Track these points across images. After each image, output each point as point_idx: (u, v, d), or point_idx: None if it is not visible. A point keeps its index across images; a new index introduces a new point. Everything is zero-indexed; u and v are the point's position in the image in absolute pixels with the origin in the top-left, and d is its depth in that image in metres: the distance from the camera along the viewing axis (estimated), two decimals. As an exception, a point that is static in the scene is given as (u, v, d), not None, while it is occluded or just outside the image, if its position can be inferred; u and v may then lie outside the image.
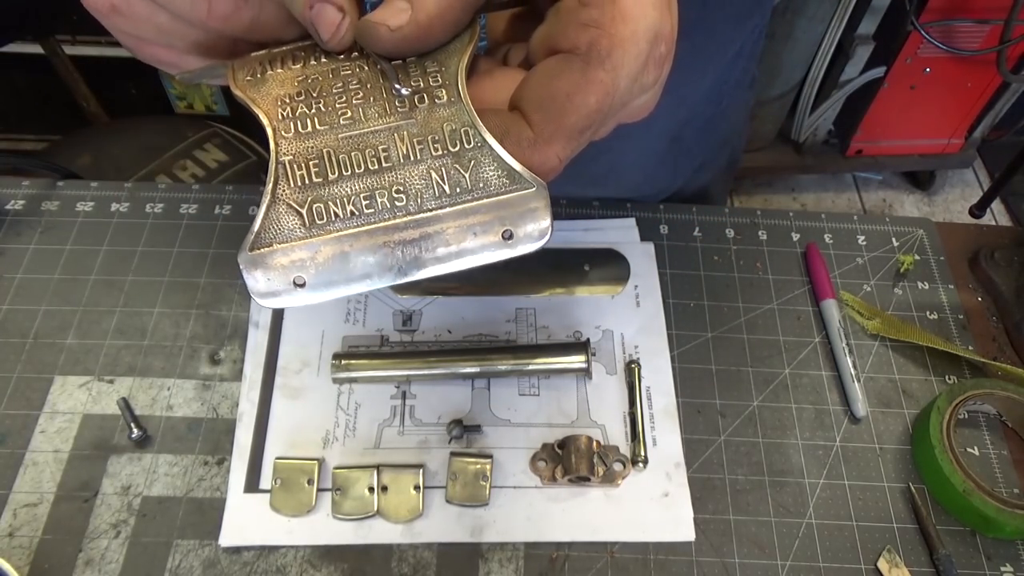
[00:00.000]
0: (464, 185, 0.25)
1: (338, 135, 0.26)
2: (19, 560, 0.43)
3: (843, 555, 0.45)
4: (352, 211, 0.25)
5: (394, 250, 0.25)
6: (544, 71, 0.26)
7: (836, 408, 0.51)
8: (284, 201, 0.25)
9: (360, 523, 0.45)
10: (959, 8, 1.37)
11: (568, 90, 0.25)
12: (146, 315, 0.52)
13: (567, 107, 0.25)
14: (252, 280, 0.25)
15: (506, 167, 0.25)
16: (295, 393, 0.50)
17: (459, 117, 0.26)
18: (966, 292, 0.57)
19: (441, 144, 0.26)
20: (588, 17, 0.25)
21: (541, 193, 0.25)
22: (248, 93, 0.28)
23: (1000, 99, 1.58)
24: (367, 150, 0.26)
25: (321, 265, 0.25)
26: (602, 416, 0.49)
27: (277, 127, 0.27)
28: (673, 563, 0.45)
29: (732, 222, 0.59)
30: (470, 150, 0.26)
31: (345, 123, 0.26)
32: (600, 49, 0.25)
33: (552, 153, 0.26)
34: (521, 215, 0.25)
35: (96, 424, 0.48)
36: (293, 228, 0.25)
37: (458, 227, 0.25)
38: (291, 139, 0.26)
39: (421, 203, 0.25)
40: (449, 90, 0.27)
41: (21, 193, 0.58)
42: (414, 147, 0.26)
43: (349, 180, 0.26)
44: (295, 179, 0.26)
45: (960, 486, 0.45)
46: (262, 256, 0.25)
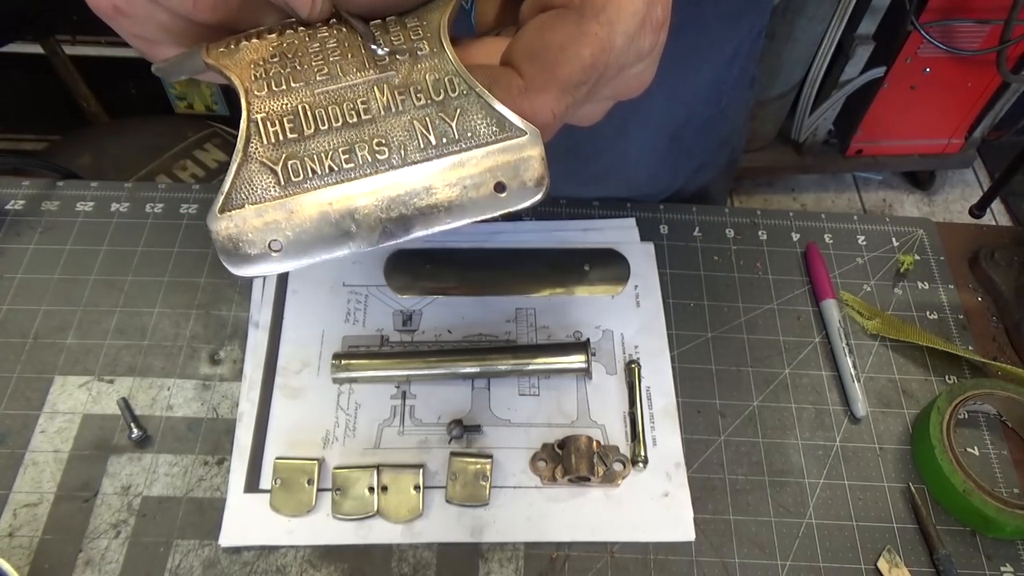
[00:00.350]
0: (451, 135, 0.24)
1: (314, 91, 0.25)
2: (19, 560, 0.43)
3: (843, 555, 0.45)
4: (331, 167, 0.24)
5: (377, 207, 0.24)
6: (536, 24, 0.25)
7: (836, 408, 0.51)
8: (257, 159, 0.24)
9: (360, 523, 0.45)
10: (959, 8, 1.37)
11: (561, 41, 0.24)
12: (146, 315, 0.52)
13: (560, 57, 0.24)
14: (224, 244, 0.23)
15: (495, 114, 0.24)
16: (295, 393, 0.50)
17: (443, 67, 0.25)
18: (966, 292, 0.57)
19: (424, 94, 0.24)
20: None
21: (534, 140, 0.24)
22: (220, 61, 0.26)
23: (1000, 99, 1.58)
24: (345, 103, 0.24)
25: (298, 226, 0.23)
26: (602, 416, 0.49)
27: (250, 87, 0.25)
28: (673, 563, 0.45)
29: (732, 222, 0.59)
30: (456, 98, 0.24)
31: (322, 79, 0.25)
32: (595, 2, 0.24)
33: (545, 103, 0.24)
34: (514, 165, 0.24)
35: (96, 424, 0.48)
36: (267, 187, 0.23)
37: (446, 180, 0.24)
38: (264, 97, 0.25)
39: (405, 156, 0.24)
40: (431, 42, 0.25)
41: (21, 193, 0.58)
42: (395, 98, 0.24)
43: (326, 135, 0.24)
44: (268, 136, 0.24)
45: (960, 486, 0.45)
46: (233, 217, 0.23)
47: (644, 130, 0.58)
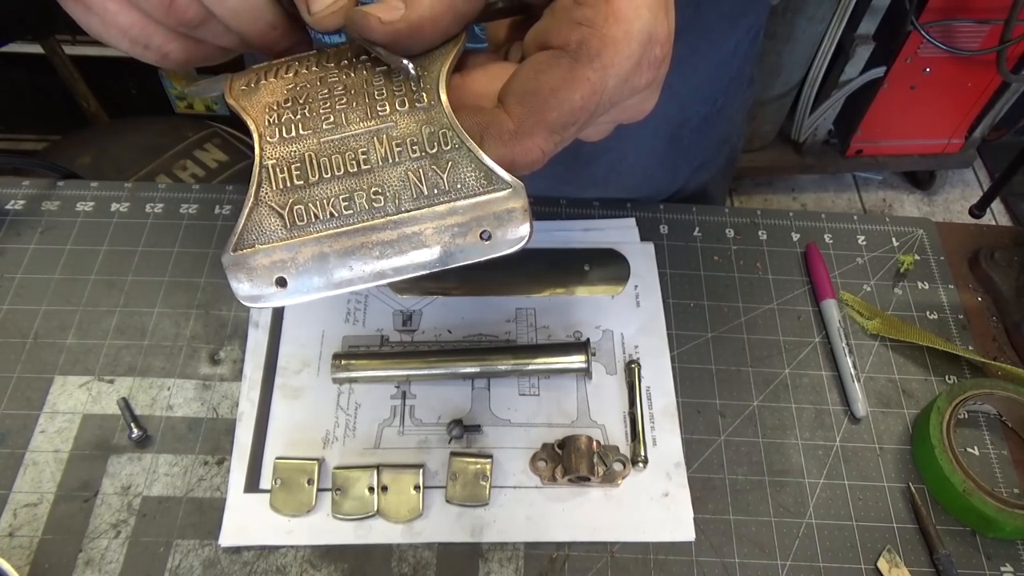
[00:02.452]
0: (441, 186, 0.26)
1: (320, 139, 0.27)
2: (19, 560, 0.43)
3: (843, 555, 0.45)
4: (331, 212, 0.26)
5: (372, 251, 0.26)
6: (531, 65, 0.26)
7: (836, 408, 0.51)
8: (266, 203, 0.26)
9: (360, 523, 0.45)
10: (959, 8, 1.37)
11: (553, 85, 0.25)
12: (146, 315, 0.52)
13: (550, 101, 0.25)
14: (235, 281, 0.26)
15: (484, 168, 0.26)
16: (295, 393, 0.50)
17: (438, 119, 0.27)
18: (966, 292, 0.57)
19: (419, 146, 0.26)
20: (581, 15, 0.25)
21: (519, 193, 0.26)
22: (240, 102, 0.28)
23: (1000, 99, 1.58)
24: (347, 153, 0.27)
25: (302, 266, 0.25)
26: (602, 416, 0.49)
27: (263, 133, 0.27)
28: (673, 563, 0.45)
29: (732, 222, 0.59)
30: (448, 151, 0.26)
31: (328, 127, 0.27)
32: (589, 48, 0.25)
33: (534, 145, 0.26)
34: (499, 216, 0.26)
35: (96, 424, 0.48)
36: (275, 229, 0.26)
37: (436, 228, 0.25)
38: (276, 144, 0.27)
39: (399, 204, 0.26)
40: (430, 93, 0.27)
41: (21, 193, 0.58)
42: (392, 149, 0.26)
43: (329, 182, 0.26)
44: (277, 182, 0.26)
45: (960, 486, 0.45)
46: (244, 257, 0.25)
47: (643, 132, 0.58)
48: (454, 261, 0.26)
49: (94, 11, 0.28)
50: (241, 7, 0.28)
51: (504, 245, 0.26)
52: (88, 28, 0.29)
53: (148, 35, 0.29)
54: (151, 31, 0.29)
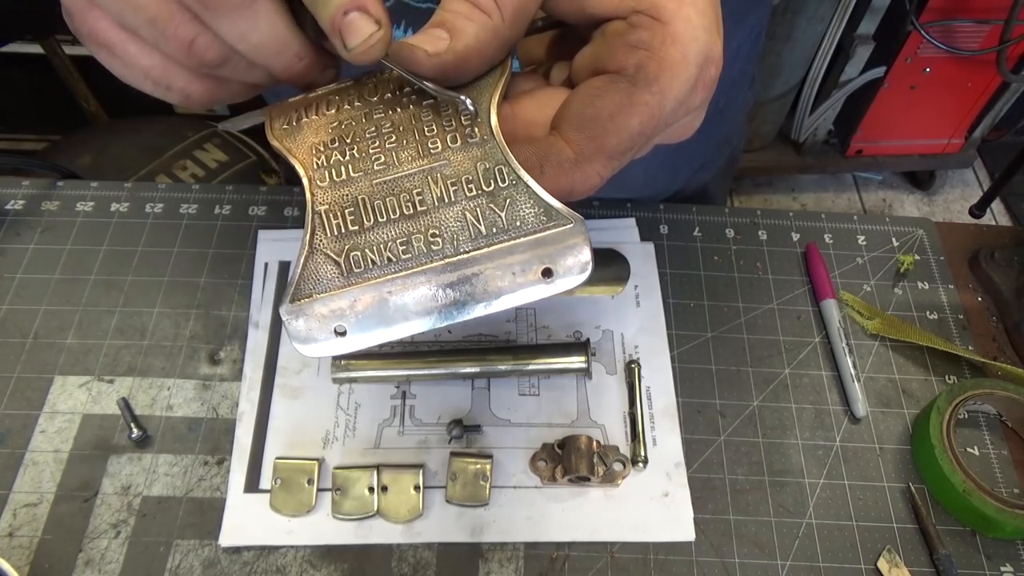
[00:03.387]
0: (500, 224, 0.25)
1: (372, 181, 0.26)
2: (19, 560, 0.43)
3: (843, 555, 0.45)
4: (389, 257, 0.25)
5: (433, 294, 0.25)
6: (587, 91, 0.26)
7: (836, 408, 0.51)
8: (321, 251, 0.26)
9: (360, 523, 0.45)
10: (959, 8, 1.37)
11: (611, 111, 0.25)
12: (146, 315, 0.52)
13: (609, 127, 0.25)
14: (294, 331, 0.25)
15: (542, 203, 0.25)
16: (295, 393, 0.50)
17: (492, 155, 0.26)
18: (966, 292, 0.57)
19: (475, 184, 0.26)
20: (637, 39, 0.25)
21: (579, 228, 0.25)
22: (284, 143, 0.28)
23: (1000, 99, 1.58)
24: (401, 195, 0.26)
25: (361, 313, 0.25)
26: (602, 416, 0.49)
27: (313, 176, 0.27)
28: (673, 563, 0.45)
29: (732, 222, 0.59)
30: (505, 188, 0.26)
31: (379, 168, 0.26)
32: (648, 72, 0.25)
33: (593, 172, 0.26)
34: (560, 251, 0.25)
35: (96, 424, 0.48)
36: (331, 278, 0.25)
37: (496, 267, 0.25)
38: (326, 188, 0.26)
39: (457, 246, 0.25)
40: (482, 127, 0.27)
41: (21, 193, 0.58)
42: (448, 189, 0.26)
43: (385, 226, 0.26)
44: (331, 228, 0.26)
45: (960, 486, 0.45)
46: (302, 307, 0.25)
47: None
48: (516, 300, 0.25)
49: (116, 54, 0.28)
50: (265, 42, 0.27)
51: (565, 282, 0.25)
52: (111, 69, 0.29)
53: (169, 76, 0.28)
54: (172, 72, 0.28)
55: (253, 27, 0.26)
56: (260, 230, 0.56)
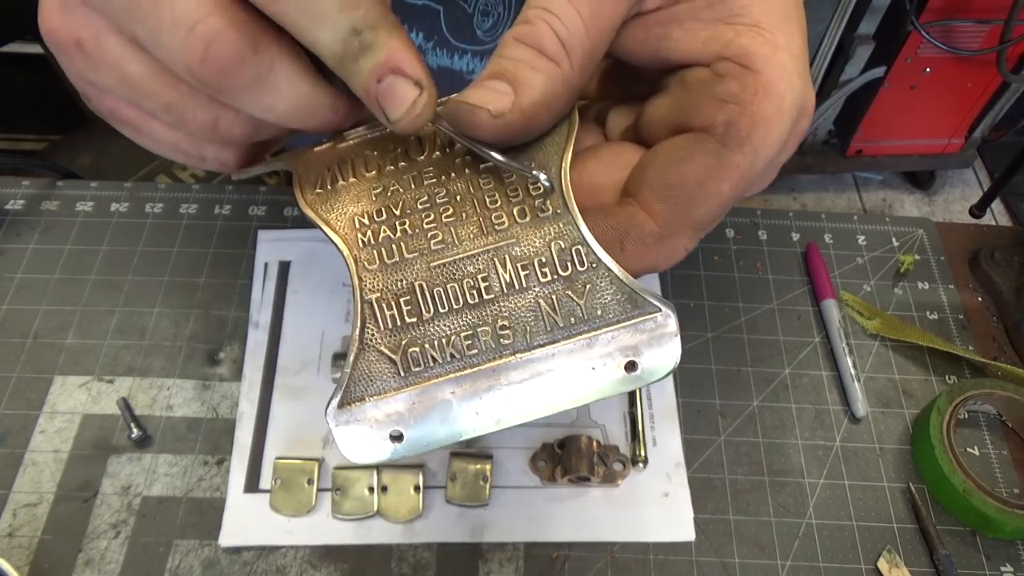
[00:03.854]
0: (579, 315, 0.22)
1: (429, 263, 0.23)
2: (19, 560, 0.43)
3: (843, 555, 0.45)
4: (452, 354, 0.22)
5: (501, 395, 0.22)
6: (670, 153, 0.22)
7: (836, 408, 0.51)
8: (374, 347, 0.22)
9: (360, 523, 0.45)
10: (959, 8, 1.37)
11: (699, 176, 0.22)
12: (146, 315, 0.52)
13: (697, 196, 0.22)
14: (345, 440, 0.22)
15: (626, 290, 0.22)
16: (295, 393, 0.50)
17: (568, 233, 0.23)
18: (966, 292, 0.57)
19: (549, 267, 0.23)
20: (726, 91, 0.22)
21: (669, 318, 0.22)
22: (320, 213, 0.24)
23: (1000, 99, 1.58)
24: (465, 280, 0.23)
25: (420, 417, 0.22)
26: (602, 416, 0.49)
27: (359, 257, 0.23)
28: (673, 563, 0.45)
29: (732, 222, 0.59)
30: (583, 272, 0.22)
31: (436, 247, 0.23)
32: (739, 130, 0.21)
33: (679, 245, 0.23)
34: (647, 343, 0.22)
35: (96, 424, 0.48)
36: (386, 378, 0.22)
37: (574, 363, 0.22)
38: (376, 272, 0.23)
39: (530, 339, 0.22)
40: (553, 199, 0.23)
41: (21, 193, 0.58)
42: (518, 273, 0.23)
43: (447, 317, 0.22)
44: (385, 320, 0.23)
45: (960, 486, 0.45)
46: (354, 412, 0.22)
47: None
48: (596, 398, 0.22)
49: (141, 131, 0.26)
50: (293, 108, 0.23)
51: (651, 376, 0.22)
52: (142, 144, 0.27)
53: (200, 148, 0.26)
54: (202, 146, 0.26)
55: (276, 98, 0.23)
56: (260, 230, 0.56)
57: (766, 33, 0.22)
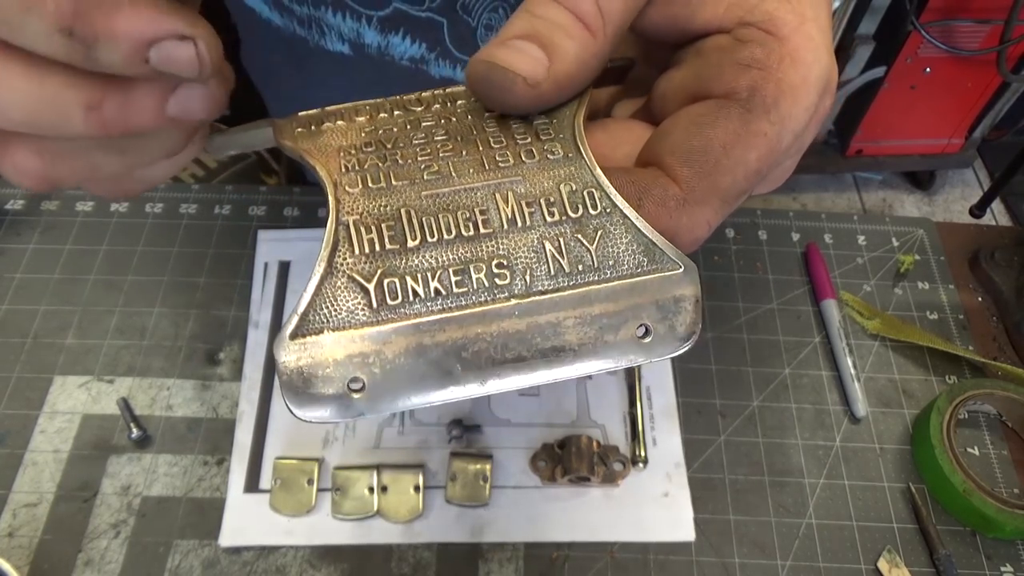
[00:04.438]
0: (588, 262, 0.19)
1: (421, 192, 0.20)
2: (19, 560, 0.43)
3: (843, 555, 0.45)
4: (437, 289, 0.19)
5: (491, 345, 0.19)
6: (691, 118, 0.21)
7: (836, 408, 0.51)
8: (345, 272, 0.19)
9: (360, 523, 0.45)
10: (959, 8, 1.37)
11: (725, 141, 0.20)
12: (146, 315, 0.52)
13: (723, 162, 0.20)
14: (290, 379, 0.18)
15: (643, 240, 0.20)
16: (295, 393, 0.49)
17: (580, 176, 0.20)
18: (966, 292, 0.57)
19: (558, 208, 0.20)
20: (749, 56, 0.20)
21: (690, 277, 0.20)
22: (300, 144, 0.22)
23: (1000, 99, 1.58)
24: (460, 211, 0.20)
25: (389, 363, 0.18)
26: (602, 416, 0.49)
27: (339, 181, 0.20)
28: (673, 563, 0.45)
29: (732, 222, 0.59)
30: (596, 216, 0.20)
31: (430, 178, 0.20)
32: (765, 96, 0.20)
33: (703, 217, 0.21)
34: (662, 305, 0.19)
35: (96, 424, 0.48)
36: (355, 309, 0.19)
37: (579, 318, 0.19)
38: (358, 195, 0.20)
39: (530, 283, 0.19)
40: (564, 144, 0.21)
41: (21, 193, 0.58)
42: (522, 210, 0.20)
43: (435, 248, 0.19)
44: (362, 244, 0.19)
45: (960, 486, 0.45)
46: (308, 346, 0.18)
47: None
48: (600, 364, 0.19)
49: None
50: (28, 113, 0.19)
51: (664, 346, 0.20)
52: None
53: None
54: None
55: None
56: (260, 230, 0.56)
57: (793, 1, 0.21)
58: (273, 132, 0.22)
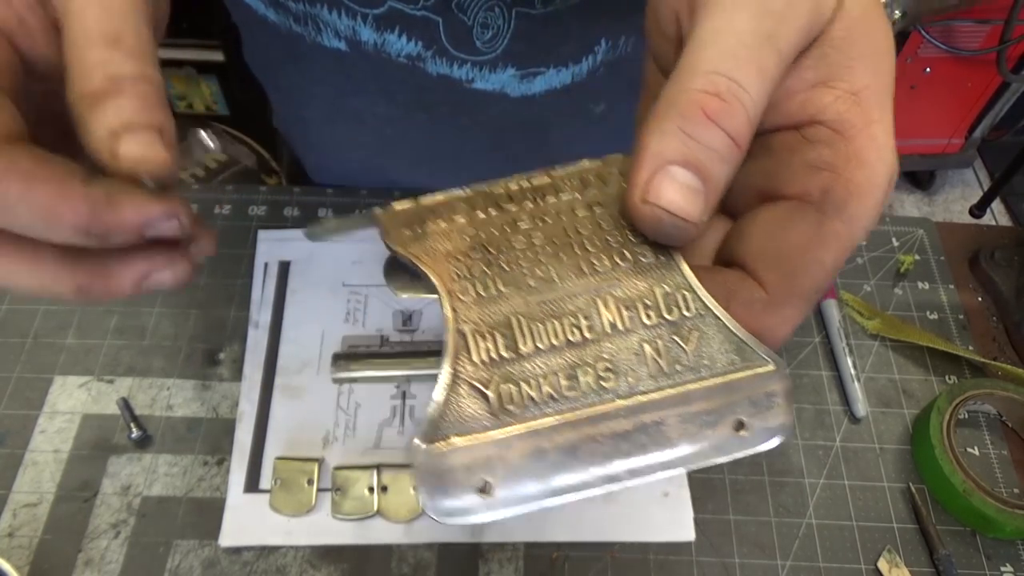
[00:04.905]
0: (685, 362, 0.21)
1: (527, 298, 0.22)
2: (19, 560, 0.43)
3: (843, 555, 0.45)
4: (550, 393, 0.21)
5: (603, 446, 0.20)
6: (770, 221, 0.22)
7: (836, 408, 0.51)
8: (467, 380, 0.21)
9: (360, 523, 0.45)
10: (959, 8, 1.37)
11: (803, 244, 0.21)
12: (146, 315, 0.52)
13: (803, 265, 0.21)
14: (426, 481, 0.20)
15: (734, 340, 0.21)
16: (295, 393, 0.50)
17: (671, 278, 0.22)
18: (966, 292, 0.57)
19: (654, 311, 0.22)
20: (817, 157, 0.21)
21: (781, 373, 0.21)
22: (410, 249, 0.23)
23: (1000, 99, 1.58)
24: (565, 317, 0.21)
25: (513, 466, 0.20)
26: (602, 416, 0.49)
27: (452, 289, 0.22)
28: (673, 563, 0.45)
29: (732, 222, 0.59)
30: (690, 318, 0.21)
31: (535, 284, 0.22)
32: (835, 198, 0.21)
33: (787, 317, 0.22)
34: (755, 401, 0.21)
35: (96, 424, 0.48)
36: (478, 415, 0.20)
37: (680, 416, 0.21)
38: (471, 304, 0.22)
39: (634, 384, 0.21)
40: (655, 248, 0.22)
41: (21, 193, 0.57)
42: (622, 314, 0.22)
43: (545, 354, 0.21)
44: (479, 352, 0.21)
45: (960, 486, 0.45)
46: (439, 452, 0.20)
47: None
48: (701, 459, 0.21)
49: None
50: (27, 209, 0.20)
51: (760, 439, 0.21)
52: None
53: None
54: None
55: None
56: (260, 230, 0.56)
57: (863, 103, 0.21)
58: (380, 234, 0.24)
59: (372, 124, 0.51)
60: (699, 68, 0.20)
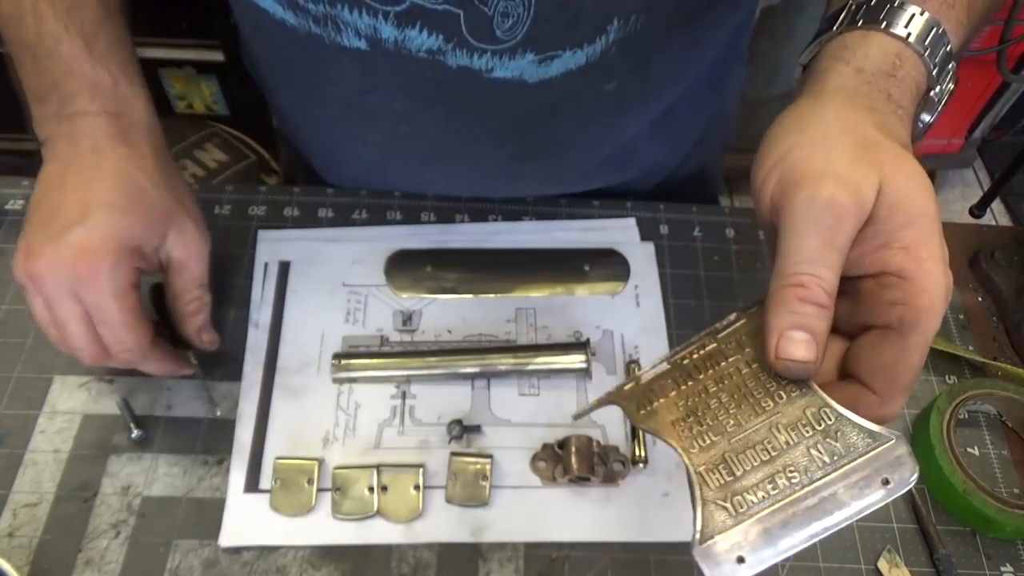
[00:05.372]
0: (839, 452, 0.31)
1: (730, 440, 0.33)
2: (19, 560, 0.43)
3: (843, 555, 0.45)
4: (763, 495, 0.31)
5: (802, 518, 0.31)
6: (870, 346, 0.32)
7: (836, 408, 0.51)
8: (712, 502, 0.32)
9: (360, 523, 0.45)
10: (959, 8, 1.37)
11: (894, 358, 0.31)
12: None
13: (897, 372, 0.31)
14: (707, 567, 0.31)
15: (864, 430, 0.31)
16: (295, 393, 0.50)
17: (814, 402, 0.32)
18: (966, 292, 0.57)
19: (809, 426, 0.32)
20: (891, 297, 0.31)
21: (901, 442, 0.31)
22: (650, 425, 0.34)
23: (1000, 99, 1.58)
24: (756, 446, 0.32)
25: (752, 543, 0.31)
26: (602, 416, 0.49)
27: (685, 447, 0.33)
28: (673, 563, 0.45)
29: (732, 222, 0.59)
30: (833, 424, 0.32)
31: (731, 430, 0.33)
32: (909, 321, 0.31)
33: (894, 408, 0.32)
34: (891, 463, 0.31)
35: (96, 424, 0.48)
36: (723, 520, 0.31)
37: (845, 486, 0.31)
38: (698, 453, 0.33)
39: (810, 475, 0.31)
40: (797, 383, 0.33)
41: (21, 193, 0.58)
42: (790, 434, 0.32)
43: (752, 472, 0.32)
44: (712, 482, 0.32)
45: (960, 486, 0.45)
46: (709, 547, 0.31)
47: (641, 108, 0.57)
48: (865, 510, 0.30)
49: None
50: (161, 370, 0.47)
51: (901, 487, 0.30)
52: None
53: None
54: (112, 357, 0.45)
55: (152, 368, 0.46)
56: (260, 230, 0.56)
57: (912, 252, 0.32)
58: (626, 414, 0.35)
59: (387, 121, 0.51)
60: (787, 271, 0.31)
